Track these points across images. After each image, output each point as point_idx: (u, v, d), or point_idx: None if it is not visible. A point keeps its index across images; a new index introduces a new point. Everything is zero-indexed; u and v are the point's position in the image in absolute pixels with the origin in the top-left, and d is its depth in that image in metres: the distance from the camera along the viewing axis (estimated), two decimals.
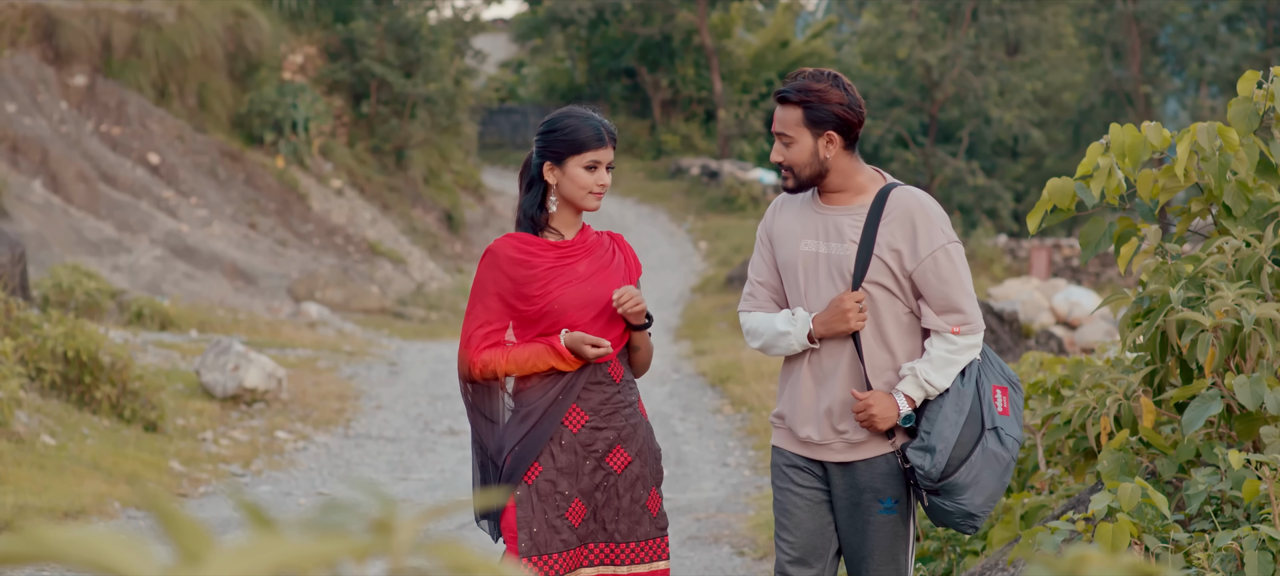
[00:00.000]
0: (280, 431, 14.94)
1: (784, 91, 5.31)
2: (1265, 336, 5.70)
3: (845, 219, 5.30)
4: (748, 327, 5.49)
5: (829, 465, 5.39)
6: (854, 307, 5.22)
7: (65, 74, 31.41)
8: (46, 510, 10.62)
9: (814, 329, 5.27)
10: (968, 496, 5.23)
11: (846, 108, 5.27)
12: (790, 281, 5.39)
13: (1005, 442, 5.29)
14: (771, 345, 5.38)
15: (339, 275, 29.64)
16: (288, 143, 34.35)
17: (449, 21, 40.84)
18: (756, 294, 5.50)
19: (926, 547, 7.78)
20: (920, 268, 5.22)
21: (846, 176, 5.32)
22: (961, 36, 51.55)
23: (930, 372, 5.22)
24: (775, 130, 5.33)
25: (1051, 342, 19.49)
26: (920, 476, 5.21)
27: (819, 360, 5.35)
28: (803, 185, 5.33)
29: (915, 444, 5.23)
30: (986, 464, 5.24)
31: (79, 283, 20.94)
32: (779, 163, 5.35)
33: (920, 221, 5.23)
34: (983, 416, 5.26)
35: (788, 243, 5.40)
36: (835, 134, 5.26)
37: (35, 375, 13.44)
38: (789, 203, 5.48)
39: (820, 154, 5.27)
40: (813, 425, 5.36)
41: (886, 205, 5.27)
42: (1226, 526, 5.46)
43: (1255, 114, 6.21)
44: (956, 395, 5.24)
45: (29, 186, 27.33)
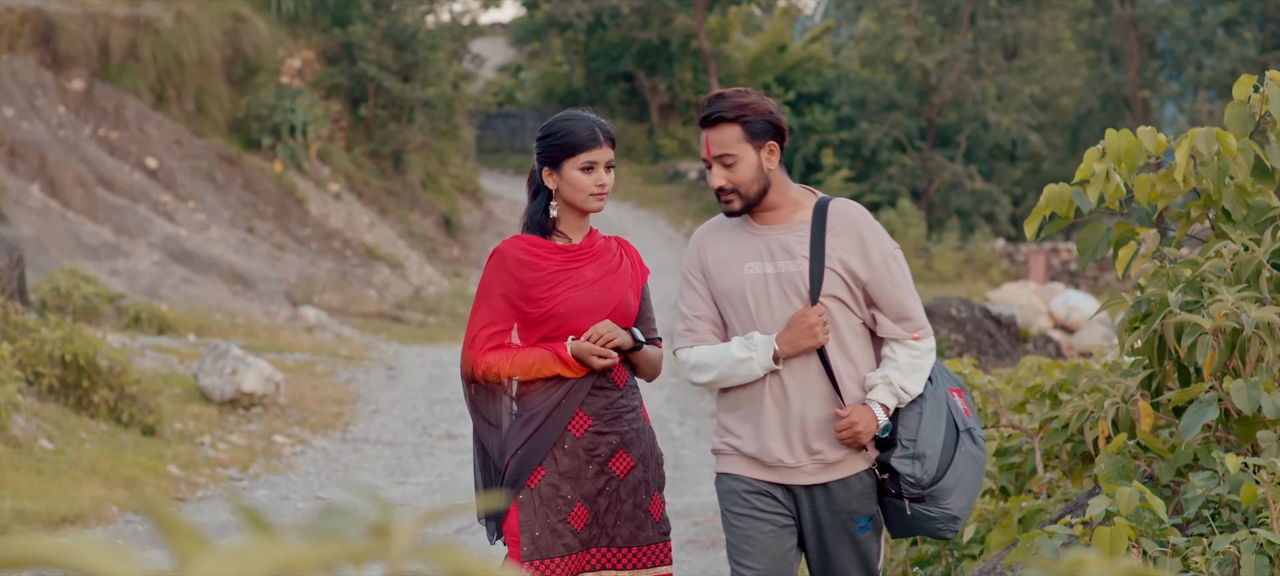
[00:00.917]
0: (278, 435, 14.93)
1: (717, 112, 5.15)
2: (1264, 340, 5.70)
3: (789, 236, 5.20)
4: (694, 363, 5.27)
5: (796, 488, 5.26)
6: (818, 321, 5.12)
7: (63, 78, 31.41)
8: (44, 514, 10.62)
9: (779, 349, 5.14)
10: (953, 499, 5.22)
11: (776, 115, 5.20)
12: (736, 309, 5.24)
13: (978, 442, 5.32)
14: (728, 375, 5.20)
15: (337, 279, 29.63)
16: (285, 147, 34.34)
17: (447, 26, 40.84)
18: (696, 328, 5.32)
19: (924, 552, 7.78)
20: (875, 276, 5.16)
21: (782, 192, 5.23)
22: (959, 40, 51.55)
23: (903, 379, 5.17)
24: (714, 155, 5.16)
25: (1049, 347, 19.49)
26: (909, 485, 5.16)
27: (781, 382, 5.21)
28: (748, 205, 5.19)
29: (901, 453, 5.16)
30: (967, 465, 5.26)
31: (77, 287, 20.94)
32: (721, 187, 5.16)
33: (867, 231, 5.18)
34: (955, 420, 5.27)
35: (728, 270, 5.25)
36: (775, 144, 5.18)
37: (33, 379, 13.44)
38: (717, 233, 5.33)
39: (764, 167, 5.16)
40: (783, 449, 5.22)
41: (829, 218, 5.19)
42: (1224, 530, 5.46)
43: (1251, 117, 6.22)
44: (933, 400, 5.23)
45: (27, 190, 27.33)
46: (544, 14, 51.75)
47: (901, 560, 7.84)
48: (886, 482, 5.23)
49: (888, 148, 52.35)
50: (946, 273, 41.04)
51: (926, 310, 18.28)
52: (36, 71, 30.80)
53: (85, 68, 31.73)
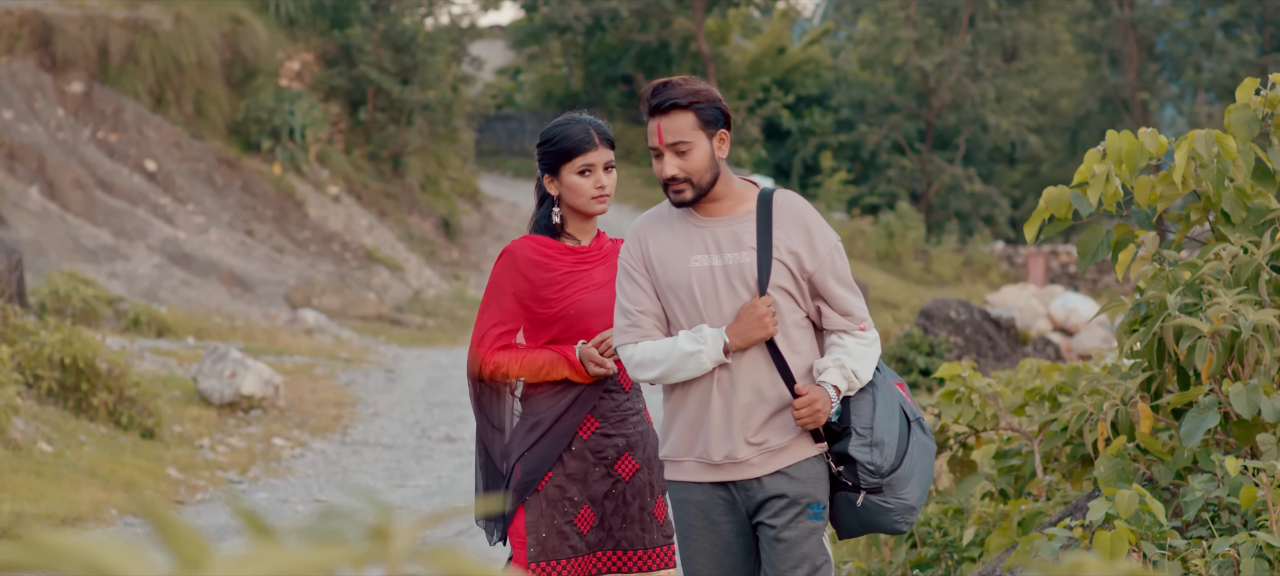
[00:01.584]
0: (277, 438, 14.93)
1: (670, 100, 5.06)
2: (1263, 342, 5.70)
3: (736, 227, 5.12)
4: (638, 359, 5.13)
5: (748, 483, 5.14)
6: (768, 312, 5.03)
7: (62, 81, 31.40)
8: (44, 517, 10.62)
9: (730, 341, 5.04)
10: (909, 489, 5.16)
11: (724, 104, 5.16)
12: (683, 302, 5.13)
13: (928, 432, 5.29)
14: (676, 370, 5.07)
15: (336, 282, 29.63)
16: (284, 149, 34.34)
17: (446, 28, 40.83)
18: (640, 323, 5.16)
19: (923, 554, 7.78)
20: (820, 268, 5.10)
21: (727, 182, 5.15)
22: (958, 43, 51.56)
23: (854, 363, 5.11)
24: (667, 143, 5.06)
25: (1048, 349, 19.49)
26: (868, 473, 5.07)
27: (729, 375, 5.10)
28: (700, 195, 5.10)
29: (858, 442, 5.08)
30: (920, 454, 5.21)
31: (76, 290, 20.93)
32: (673, 177, 5.06)
33: (812, 223, 5.14)
34: (905, 410, 5.24)
35: (673, 263, 5.14)
36: (725, 133, 5.12)
37: (32, 382, 13.44)
38: (658, 225, 5.21)
39: (716, 155, 5.09)
40: (727, 445, 5.11)
41: (774, 209, 5.13)
42: (1224, 533, 5.46)
43: (1255, 120, 6.22)
44: (884, 389, 5.19)
45: (26, 193, 27.33)
46: (543, 16, 51.75)
47: (901, 563, 7.84)
48: (841, 475, 5.14)
49: (887, 150, 52.37)
50: (945, 275, 41.05)
51: (925, 313, 18.29)
52: (35, 74, 30.80)
53: (84, 70, 31.73)
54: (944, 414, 7.59)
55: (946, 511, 7.87)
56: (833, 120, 53.08)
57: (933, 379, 16.32)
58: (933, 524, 7.85)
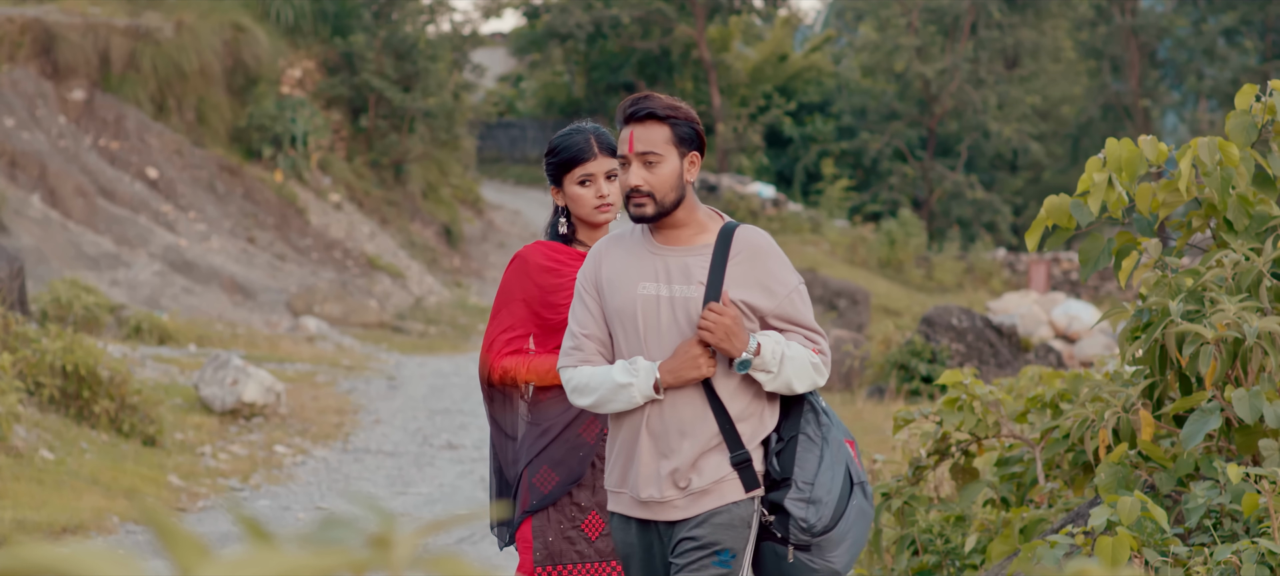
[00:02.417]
0: (279, 446, 14.93)
1: (646, 109, 4.89)
2: (1266, 349, 5.70)
3: (690, 259, 4.93)
4: (576, 384, 4.97)
5: (661, 525, 4.97)
6: (703, 354, 4.83)
7: (63, 88, 31.43)
8: (45, 525, 10.61)
9: (661, 377, 4.85)
10: (839, 552, 4.94)
11: (701, 130, 4.99)
12: (626, 329, 4.95)
13: (869, 498, 5.04)
14: (607, 400, 4.90)
15: (337, 289, 29.64)
16: (286, 157, 34.36)
17: (447, 36, 40.86)
18: (583, 347, 5.00)
19: (925, 562, 7.77)
20: (778, 309, 4.90)
21: (691, 210, 4.95)
22: (960, 50, 51.59)
23: (793, 356, 4.85)
24: (637, 150, 4.87)
25: (1050, 356, 19.49)
26: (800, 530, 4.86)
27: (660, 413, 4.91)
28: (661, 214, 4.89)
29: (796, 495, 4.86)
30: (857, 519, 4.97)
31: (77, 297, 20.94)
32: (636, 188, 4.86)
33: (773, 263, 4.94)
34: (851, 471, 4.99)
35: (622, 288, 4.96)
36: (697, 157, 4.94)
37: (34, 389, 13.44)
38: (615, 247, 5.03)
39: (684, 177, 4.90)
40: (653, 485, 4.92)
41: (733, 244, 4.91)
42: (1226, 540, 5.46)
43: (1254, 127, 6.22)
44: (833, 447, 4.94)
45: (27, 201, 27.34)
46: (544, 24, 51.78)
47: (902, 571, 7.83)
48: (772, 526, 4.92)
49: (888, 157, 52.39)
50: (947, 282, 41.06)
51: (927, 320, 18.30)
52: (37, 82, 30.82)
53: (86, 78, 31.75)
54: (946, 421, 7.59)
55: (948, 518, 7.87)
56: (834, 127, 53.11)
57: (935, 386, 16.32)
58: (935, 531, 7.84)
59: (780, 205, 45.27)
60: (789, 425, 4.97)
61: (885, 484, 8.01)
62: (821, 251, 40.69)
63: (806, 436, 4.94)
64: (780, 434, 4.97)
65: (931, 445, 7.83)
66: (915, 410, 7.84)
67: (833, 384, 18.38)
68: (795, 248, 40.35)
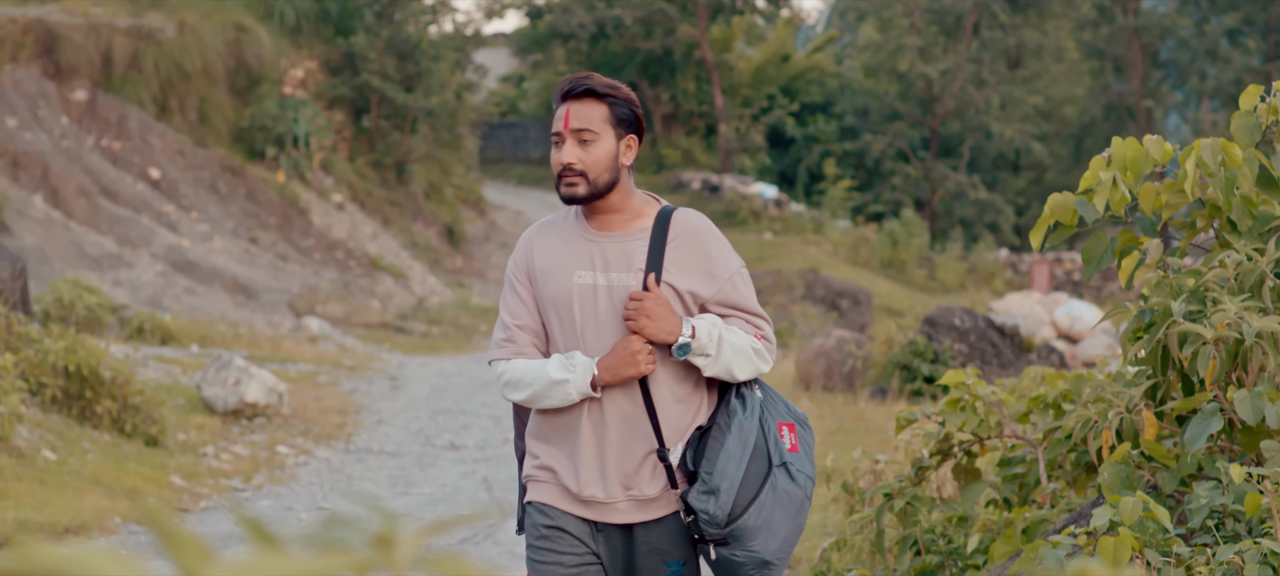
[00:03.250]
0: (281, 446, 14.93)
1: (585, 86, 4.75)
2: (1268, 349, 5.69)
3: (628, 245, 4.77)
4: (508, 379, 4.81)
5: (607, 527, 4.80)
6: (643, 350, 4.67)
7: (66, 89, 31.44)
8: (47, 525, 10.62)
9: (598, 374, 4.69)
10: (760, 541, 4.74)
11: (640, 114, 4.84)
12: (562, 320, 4.79)
13: (796, 479, 4.80)
14: (542, 396, 4.74)
15: (340, 290, 29.65)
16: (288, 157, 34.37)
17: (450, 36, 40.88)
18: (516, 339, 4.84)
19: (928, 562, 7.77)
20: (718, 295, 4.76)
21: (626, 195, 4.79)
22: (962, 50, 51.60)
23: (731, 341, 4.71)
24: (572, 127, 4.72)
25: (1053, 356, 19.48)
26: (705, 523, 4.70)
27: (600, 410, 4.75)
28: (593, 194, 4.73)
29: (698, 488, 4.69)
30: (778, 504, 4.75)
31: (80, 297, 20.94)
32: (569, 165, 4.71)
33: (713, 246, 4.79)
34: (769, 453, 4.78)
35: (556, 276, 4.79)
36: (634, 140, 4.80)
37: (36, 390, 13.44)
38: (547, 234, 4.88)
39: (620, 159, 4.76)
40: (597, 483, 4.75)
41: (671, 228, 4.76)
42: (1228, 540, 5.45)
43: (1258, 127, 6.21)
44: (738, 431, 4.74)
45: (30, 201, 27.36)
46: (547, 24, 51.81)
47: (905, 571, 7.83)
48: (691, 525, 4.77)
49: (891, 157, 52.40)
50: (950, 283, 41.05)
51: (929, 320, 18.27)
52: (39, 82, 30.83)
53: (88, 78, 31.76)
54: (948, 421, 7.58)
55: (951, 519, 7.87)
56: (837, 128, 53.12)
57: (937, 386, 16.31)
58: (937, 531, 7.84)
59: (783, 205, 45.28)
60: (711, 418, 4.83)
61: (887, 484, 8.01)
62: (824, 252, 40.70)
63: (717, 425, 4.78)
64: (702, 427, 4.81)
65: (934, 445, 7.83)
66: (918, 410, 7.84)
67: (836, 384, 18.38)
68: (798, 248, 40.37)
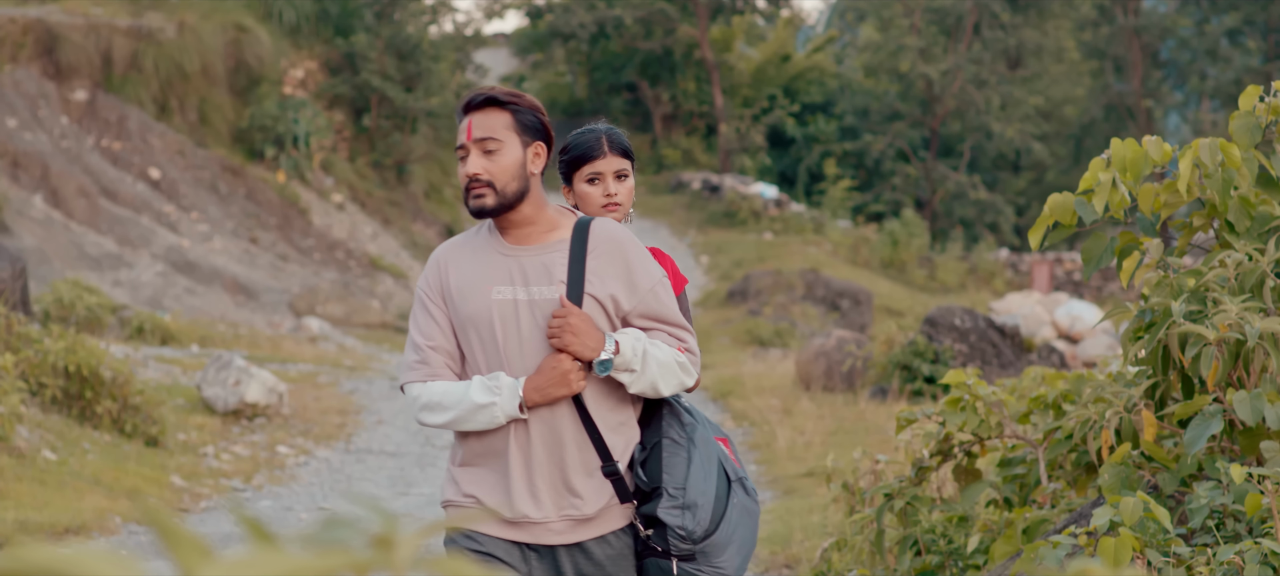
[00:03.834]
0: (281, 446, 14.94)
1: (487, 95, 4.63)
2: (1268, 350, 5.69)
3: (547, 257, 4.63)
4: (425, 402, 4.66)
5: (541, 549, 4.66)
6: (573, 368, 4.54)
7: (66, 89, 31.44)
8: (47, 525, 10.62)
9: (526, 397, 4.55)
10: (726, 557, 4.68)
11: (547, 121, 4.73)
12: (482, 339, 4.64)
13: (751, 493, 4.79)
14: (465, 420, 4.59)
15: (340, 290, 29.65)
16: (288, 157, 34.37)
17: (450, 36, 40.90)
18: (430, 361, 4.70)
19: (928, 562, 7.77)
20: (640, 306, 4.64)
21: (538, 206, 4.66)
22: (963, 50, 51.60)
23: (656, 356, 4.59)
24: (475, 137, 4.59)
25: (1053, 357, 19.48)
26: (679, 539, 4.58)
27: (526, 431, 4.61)
28: (503, 205, 4.60)
29: (669, 503, 4.58)
30: (741, 518, 4.72)
31: (80, 298, 20.95)
32: (475, 176, 4.58)
33: (633, 255, 4.66)
34: (726, 469, 4.75)
35: (473, 294, 4.64)
36: (542, 148, 4.67)
37: (36, 390, 13.44)
38: (461, 251, 4.74)
39: (528, 168, 4.62)
40: (529, 503, 4.60)
41: (590, 239, 4.63)
42: (1229, 540, 5.45)
43: (1257, 127, 6.21)
44: (702, 446, 4.67)
45: (30, 201, 27.36)
46: (547, 24, 51.80)
47: (905, 572, 7.83)
48: (650, 540, 4.63)
49: (891, 158, 52.40)
50: (950, 283, 41.05)
51: (930, 320, 18.28)
52: (39, 82, 30.83)
53: (88, 78, 31.77)
54: (948, 421, 7.59)
55: (951, 519, 7.87)
56: (837, 128, 53.12)
57: (937, 386, 16.32)
58: (937, 531, 7.85)
59: (783, 206, 45.28)
60: (651, 431, 4.71)
61: (888, 484, 8.01)
62: (824, 252, 40.70)
63: (671, 440, 4.68)
64: (644, 442, 4.71)
65: (934, 445, 7.83)
66: (918, 410, 7.84)
67: (836, 384, 18.38)
68: (798, 248, 40.37)
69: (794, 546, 10.39)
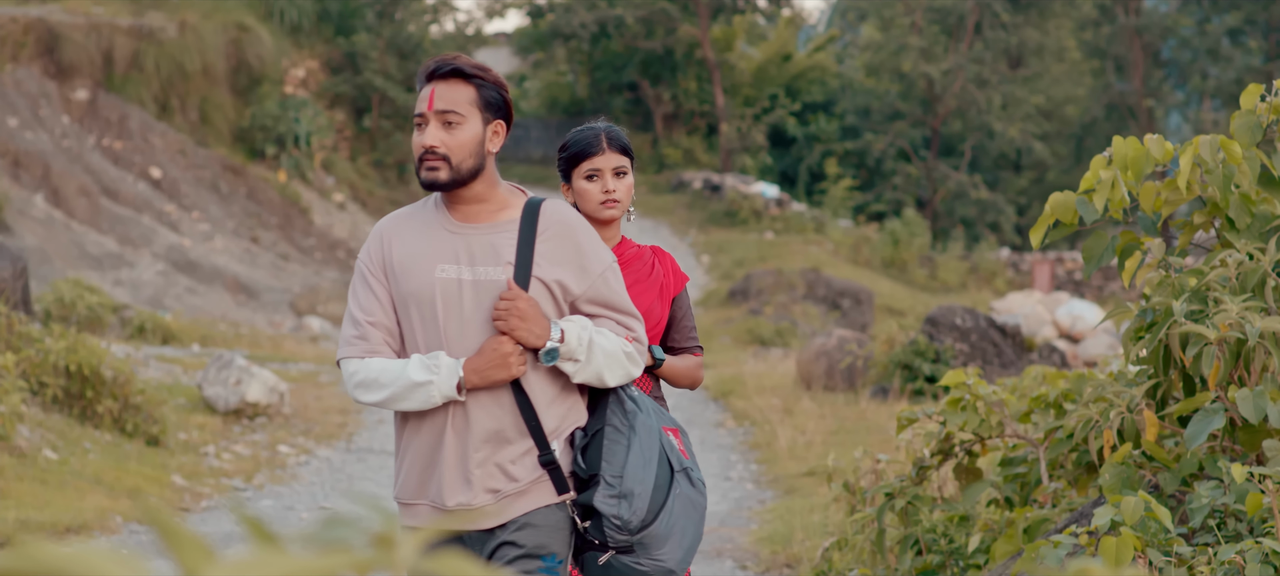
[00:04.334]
0: (282, 445, 14.93)
1: (452, 67, 4.51)
2: (1270, 349, 5.69)
3: (495, 237, 4.51)
4: (361, 379, 4.51)
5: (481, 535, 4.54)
6: (514, 352, 4.41)
7: (67, 88, 31.44)
8: (48, 525, 10.62)
9: (465, 377, 4.41)
10: (667, 549, 4.54)
11: (510, 98, 4.64)
12: (423, 317, 4.50)
13: (696, 486, 4.64)
14: (401, 398, 4.45)
15: (341, 289, 29.64)
16: (289, 157, 34.38)
17: (451, 35, 40.90)
18: (368, 336, 4.54)
19: (929, 562, 7.77)
20: (589, 291, 4.53)
21: (491, 185, 4.54)
22: (964, 50, 51.59)
23: (602, 340, 4.48)
24: (437, 108, 4.47)
25: (1054, 356, 19.47)
26: (614, 529, 4.46)
27: (464, 413, 4.48)
28: (455, 181, 4.47)
29: (605, 492, 4.45)
30: (683, 510, 4.57)
31: (81, 297, 20.94)
32: (431, 148, 4.45)
33: (584, 238, 4.55)
34: (669, 458, 4.60)
35: (416, 270, 4.51)
36: (502, 126, 4.58)
37: (37, 390, 13.44)
38: (406, 225, 4.59)
39: (486, 145, 4.51)
40: (462, 492, 4.47)
41: (540, 220, 4.52)
42: (1230, 540, 5.45)
43: (1258, 126, 6.21)
44: (644, 433, 4.54)
45: (31, 201, 27.35)
46: (548, 24, 51.78)
47: (906, 571, 7.83)
48: (587, 531, 4.52)
49: (892, 157, 52.40)
50: (951, 282, 41.05)
51: (930, 320, 18.27)
52: (40, 81, 30.84)
53: (89, 78, 31.77)
54: (949, 421, 7.58)
55: (952, 518, 7.87)
56: (838, 127, 53.12)
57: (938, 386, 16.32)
58: (938, 531, 7.84)
59: (784, 205, 45.27)
60: (594, 418, 4.58)
61: (889, 484, 8.01)
62: (825, 251, 40.69)
63: (612, 427, 4.55)
64: (585, 429, 4.58)
65: (935, 445, 7.83)
66: (919, 410, 7.84)
67: (837, 384, 18.38)
68: (799, 247, 40.36)
69: (795, 545, 10.39)
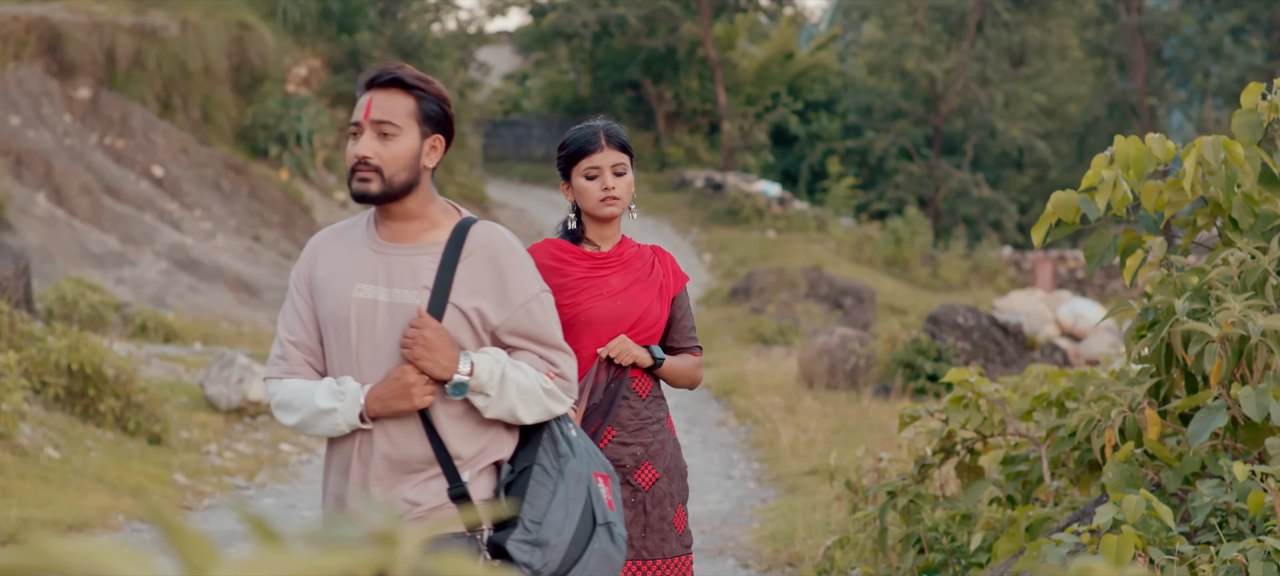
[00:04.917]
0: (284, 444, 14.93)
1: (392, 75, 4.32)
2: (1272, 347, 5.69)
3: (416, 259, 4.31)
4: (278, 400, 4.38)
5: None
6: (418, 382, 4.23)
7: (69, 87, 31.44)
8: (50, 523, 10.62)
9: (367, 407, 4.25)
10: None
11: (452, 112, 4.44)
12: (338, 337, 4.34)
13: (617, 542, 4.42)
14: (310, 424, 4.31)
15: None
16: (291, 155, 34.38)
17: (453, 34, 40.90)
18: (289, 357, 4.40)
19: (931, 560, 7.77)
20: (509, 321, 4.32)
21: (424, 202, 4.35)
22: (966, 49, 51.58)
23: (517, 376, 4.28)
24: (373, 118, 4.29)
25: (1056, 355, 19.47)
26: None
27: (368, 441, 4.32)
28: (387, 194, 4.29)
29: (521, 536, 4.26)
30: (598, 566, 4.36)
31: (83, 295, 20.95)
32: (364, 159, 4.28)
33: (509, 265, 4.33)
34: (594, 510, 4.37)
35: (335, 289, 4.34)
36: (440, 141, 4.38)
37: (39, 388, 13.44)
38: (335, 242, 4.43)
39: (422, 160, 4.32)
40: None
41: (465, 244, 4.31)
42: (1232, 538, 5.45)
43: (1259, 125, 6.21)
44: (572, 480, 4.34)
45: (33, 199, 27.36)
46: (550, 22, 51.76)
47: (908, 570, 7.83)
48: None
49: (894, 156, 52.38)
50: (953, 281, 41.04)
51: (933, 318, 18.27)
52: (43, 80, 30.84)
53: (91, 76, 31.77)
54: (951, 419, 7.59)
55: (954, 517, 7.87)
56: (840, 126, 53.10)
57: (940, 384, 16.31)
58: (940, 529, 7.85)
59: (786, 203, 45.27)
60: (525, 453, 4.38)
61: (891, 482, 8.02)
62: (827, 249, 40.69)
63: (541, 468, 4.36)
64: (513, 463, 4.38)
65: (937, 443, 7.83)
66: (921, 408, 7.84)
67: (839, 382, 18.38)
68: (801, 246, 40.36)
69: (797, 544, 10.39)
